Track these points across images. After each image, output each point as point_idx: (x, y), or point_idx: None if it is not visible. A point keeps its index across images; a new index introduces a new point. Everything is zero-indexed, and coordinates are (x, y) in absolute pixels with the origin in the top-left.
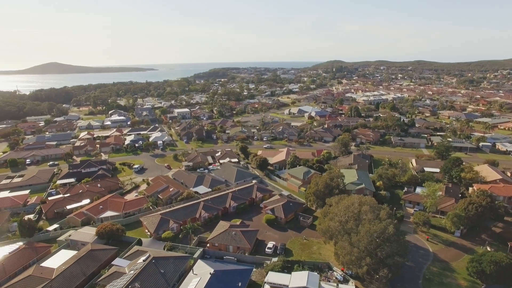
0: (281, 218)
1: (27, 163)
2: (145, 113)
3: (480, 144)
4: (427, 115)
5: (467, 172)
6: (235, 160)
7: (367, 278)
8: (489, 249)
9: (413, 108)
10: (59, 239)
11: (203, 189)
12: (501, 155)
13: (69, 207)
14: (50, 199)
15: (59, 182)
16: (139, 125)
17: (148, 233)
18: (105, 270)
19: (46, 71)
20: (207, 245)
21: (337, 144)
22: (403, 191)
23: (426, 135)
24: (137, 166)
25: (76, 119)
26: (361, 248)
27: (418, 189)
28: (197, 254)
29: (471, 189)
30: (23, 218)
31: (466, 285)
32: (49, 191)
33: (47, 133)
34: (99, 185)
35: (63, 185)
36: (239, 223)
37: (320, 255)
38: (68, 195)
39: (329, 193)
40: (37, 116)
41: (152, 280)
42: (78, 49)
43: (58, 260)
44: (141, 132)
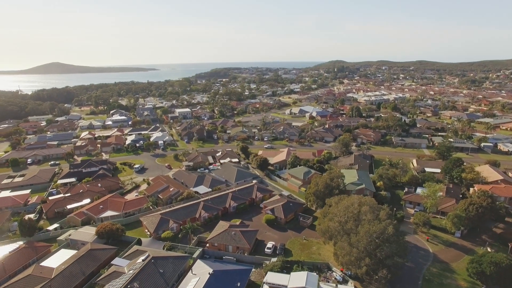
0: (281, 218)
1: (28, 162)
2: (146, 113)
3: (481, 144)
4: (429, 115)
5: (468, 172)
6: (236, 160)
7: (367, 278)
8: (489, 250)
9: (415, 108)
10: (59, 238)
11: (203, 189)
12: (503, 156)
13: (69, 206)
14: (50, 198)
15: (60, 181)
16: (140, 125)
17: (148, 233)
18: (105, 269)
19: (48, 71)
20: (207, 245)
21: (338, 144)
22: (404, 191)
23: (427, 136)
24: (138, 166)
25: (77, 119)
26: (360, 248)
27: (418, 190)
28: (197, 254)
29: (472, 190)
30: (23, 217)
31: (466, 286)
32: (49, 190)
33: (49, 132)
34: (99, 184)
35: (64, 184)
36: (239, 223)
37: (319, 256)
38: (68, 194)
39: (329, 193)
40: (39, 116)
41: (151, 280)
42: (80, 49)
43: (57, 259)
44: (142, 132)
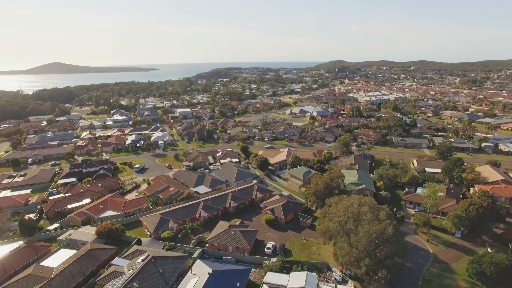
0: (281, 218)
1: (29, 162)
2: (147, 113)
3: (482, 144)
4: (429, 115)
5: (469, 172)
6: (236, 160)
7: (366, 279)
8: (489, 250)
9: (415, 108)
10: (59, 238)
11: (203, 189)
12: (504, 156)
13: (69, 206)
14: (51, 198)
15: (60, 181)
16: (140, 125)
17: (147, 233)
18: (104, 269)
19: (49, 71)
20: (206, 245)
21: (338, 144)
22: (404, 191)
23: (428, 136)
24: (138, 165)
25: (78, 118)
26: (360, 249)
27: (419, 190)
28: (196, 254)
29: (472, 190)
30: (23, 217)
31: (466, 286)
32: (50, 190)
33: (49, 132)
34: (99, 184)
35: (64, 184)
36: (239, 223)
37: (319, 256)
38: (69, 194)
39: (329, 194)
40: (40, 115)
41: (150, 279)
42: (80, 49)
43: (57, 259)
44: (143, 132)
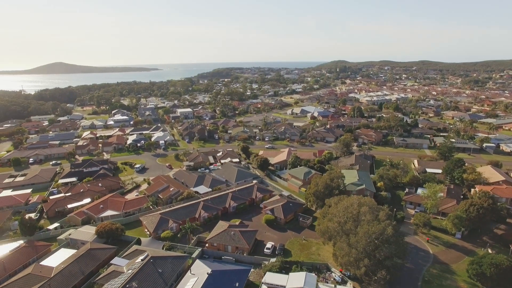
0: (281, 218)
1: (30, 162)
2: (148, 113)
3: (484, 145)
4: (431, 115)
5: (470, 173)
6: (236, 160)
7: (366, 279)
8: (490, 251)
9: (417, 108)
10: (59, 238)
11: (203, 189)
12: (505, 156)
13: (70, 206)
14: (51, 198)
15: (61, 181)
16: (141, 124)
17: (147, 233)
18: (104, 269)
19: (51, 71)
20: (206, 245)
21: (339, 144)
22: (405, 192)
23: (429, 136)
24: (139, 165)
25: (79, 118)
26: (359, 249)
27: (419, 190)
28: (196, 254)
29: (473, 191)
30: (23, 216)
31: (466, 287)
32: (50, 190)
33: (51, 132)
34: (100, 184)
35: (65, 184)
36: (238, 223)
37: (319, 256)
38: (69, 194)
39: (329, 194)
40: (41, 115)
41: (150, 279)
42: (80, 49)
43: (57, 258)
44: (144, 131)
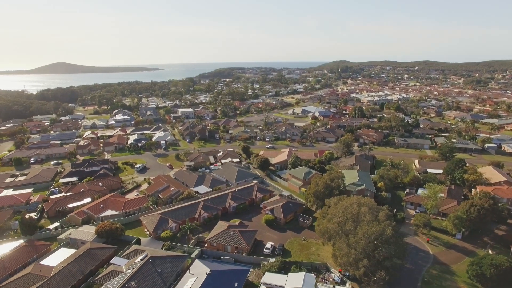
0: (281, 218)
1: (31, 161)
2: (149, 113)
3: (485, 145)
4: (432, 115)
5: (471, 173)
6: (237, 160)
7: (365, 280)
8: (490, 252)
9: (418, 108)
10: (59, 237)
11: (203, 189)
12: (507, 157)
13: (70, 205)
14: (52, 197)
15: (62, 180)
16: (142, 124)
17: (147, 232)
18: (103, 268)
19: (54, 71)
20: (206, 245)
21: (340, 144)
22: (405, 192)
23: (430, 136)
24: (139, 165)
25: (81, 118)
26: (358, 249)
27: (420, 191)
28: (195, 253)
29: (474, 191)
30: (24, 216)
31: None
32: (51, 189)
33: (52, 132)
34: (100, 184)
35: (66, 183)
36: (238, 223)
37: (318, 256)
38: (70, 193)
39: (329, 194)
40: (43, 115)
41: (148, 279)
42: (83, 49)
43: (57, 258)
44: (145, 131)
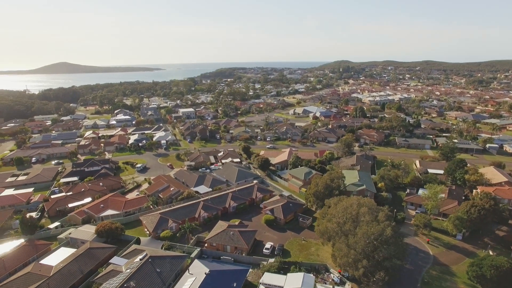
0: (280, 218)
1: (32, 161)
2: (150, 113)
3: (487, 145)
4: (434, 116)
5: (471, 174)
6: (237, 160)
7: (364, 280)
8: (491, 253)
9: (420, 108)
10: (59, 237)
11: (203, 189)
12: (509, 157)
13: (70, 205)
14: (52, 197)
15: (63, 180)
16: (143, 124)
17: (147, 232)
18: (103, 268)
19: (55, 71)
20: (205, 245)
21: (340, 144)
22: (406, 192)
23: (431, 136)
24: (140, 165)
25: (82, 118)
26: (358, 250)
27: (420, 191)
28: (195, 253)
29: (475, 192)
30: (24, 215)
31: None
32: (52, 189)
33: (53, 132)
34: (101, 183)
35: (66, 183)
36: (238, 223)
37: (318, 257)
38: (70, 193)
39: (329, 194)
40: (45, 115)
41: (148, 279)
42: (87, 49)
43: (57, 257)
44: (146, 131)
